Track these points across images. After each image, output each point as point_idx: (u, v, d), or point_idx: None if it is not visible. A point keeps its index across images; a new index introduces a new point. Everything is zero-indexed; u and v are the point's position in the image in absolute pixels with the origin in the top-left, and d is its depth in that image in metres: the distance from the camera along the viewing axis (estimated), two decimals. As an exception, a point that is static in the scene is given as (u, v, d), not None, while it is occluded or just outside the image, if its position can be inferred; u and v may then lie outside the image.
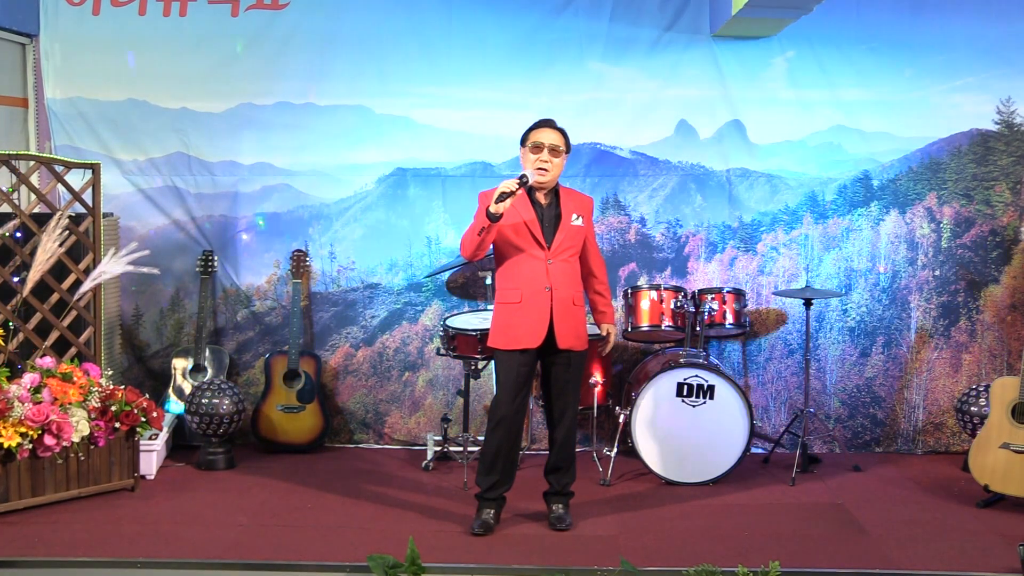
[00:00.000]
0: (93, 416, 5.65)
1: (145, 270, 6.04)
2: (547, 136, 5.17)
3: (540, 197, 5.23)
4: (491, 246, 5.19)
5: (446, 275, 6.93)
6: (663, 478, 6.09)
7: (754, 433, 6.16)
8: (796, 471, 6.21)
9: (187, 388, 6.75)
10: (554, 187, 5.26)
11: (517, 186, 4.94)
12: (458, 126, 6.82)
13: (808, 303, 6.33)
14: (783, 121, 6.80)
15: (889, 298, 6.82)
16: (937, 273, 6.81)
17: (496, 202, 4.90)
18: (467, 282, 6.94)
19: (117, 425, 5.72)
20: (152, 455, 6.16)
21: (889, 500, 5.88)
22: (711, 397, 6.03)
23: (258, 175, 6.93)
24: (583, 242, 5.29)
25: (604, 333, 5.49)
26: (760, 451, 6.71)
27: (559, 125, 5.25)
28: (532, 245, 5.16)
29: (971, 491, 5.89)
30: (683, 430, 6.05)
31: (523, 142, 5.24)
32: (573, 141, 5.27)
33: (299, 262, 6.83)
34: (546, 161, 5.13)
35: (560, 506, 5.39)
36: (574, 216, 5.22)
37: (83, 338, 6.19)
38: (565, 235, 5.18)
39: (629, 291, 6.45)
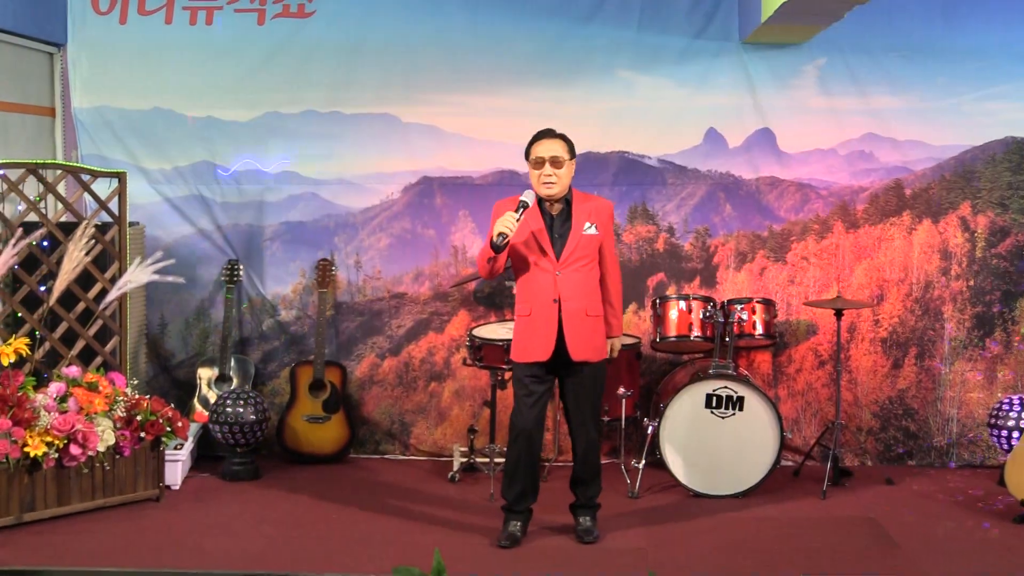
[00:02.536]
0: (118, 426, 5.66)
1: (171, 279, 6.05)
2: (546, 148, 5.10)
3: (551, 207, 5.18)
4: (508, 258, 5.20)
5: (473, 285, 6.92)
6: (691, 490, 6.06)
7: (784, 445, 6.13)
8: (827, 484, 6.15)
9: (212, 398, 6.75)
10: (566, 195, 5.19)
11: (516, 220, 4.92)
12: (485, 134, 6.82)
13: (839, 313, 6.27)
14: (814, 129, 6.77)
15: (922, 309, 6.77)
16: (971, 283, 6.75)
17: (497, 239, 4.90)
18: (494, 292, 6.93)
19: (142, 435, 5.73)
20: (177, 465, 6.16)
21: (922, 514, 5.84)
22: (740, 408, 6.00)
23: (284, 184, 6.95)
24: (599, 249, 5.23)
25: (608, 351, 5.37)
26: (790, 464, 6.66)
27: (558, 132, 5.19)
28: (541, 257, 5.12)
29: (1007, 506, 5.84)
30: (712, 442, 6.03)
31: (526, 156, 5.19)
32: (601, 150, 5.27)
33: (325, 271, 6.82)
34: (549, 175, 5.07)
35: (587, 518, 5.38)
36: (586, 224, 5.14)
37: (109, 347, 6.21)
38: (576, 245, 5.12)
39: (657, 301, 6.42)
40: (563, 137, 5.17)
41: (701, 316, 6.27)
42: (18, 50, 6.53)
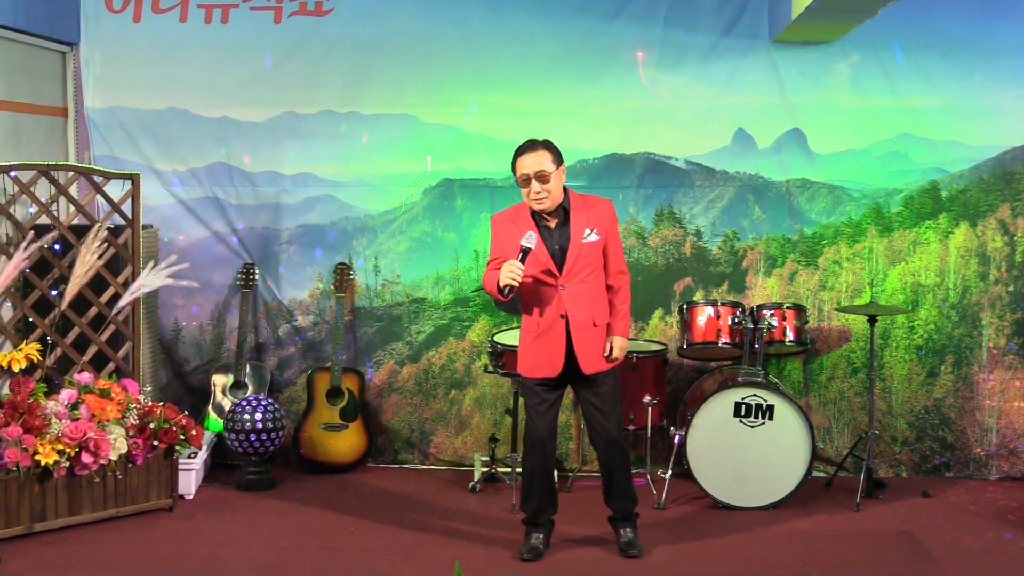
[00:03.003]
0: (131, 433, 5.67)
1: (185, 283, 6.12)
2: (529, 164, 5.01)
3: (547, 220, 5.13)
4: None
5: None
6: (720, 502, 6.04)
7: (816, 456, 6.09)
8: (860, 496, 6.12)
9: (227, 405, 6.76)
10: (562, 203, 5.12)
11: (520, 269, 4.90)
12: (506, 135, 6.62)
13: (873, 320, 6.25)
14: (846, 129, 6.73)
15: (959, 315, 6.73)
16: (1011, 289, 6.69)
17: (504, 291, 4.92)
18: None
19: (155, 443, 5.75)
20: (191, 474, 6.18)
21: (960, 528, 5.79)
22: (770, 418, 5.97)
23: (301, 186, 6.96)
24: (604, 252, 5.18)
25: (606, 351, 5.20)
26: (822, 475, 6.63)
27: (540, 141, 5.10)
28: (543, 273, 5.08)
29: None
30: (741, 452, 6.00)
31: (513, 172, 5.13)
32: (626, 151, 5.24)
33: (343, 276, 6.83)
34: (539, 192, 5.00)
35: (628, 530, 5.35)
36: (586, 232, 5.09)
37: (121, 353, 6.24)
38: (578, 255, 5.08)
39: (684, 307, 6.41)
40: (546, 145, 5.08)
41: (729, 322, 6.26)
42: (30, 49, 6.56)
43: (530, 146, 5.08)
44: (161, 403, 5.93)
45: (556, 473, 5.50)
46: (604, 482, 5.34)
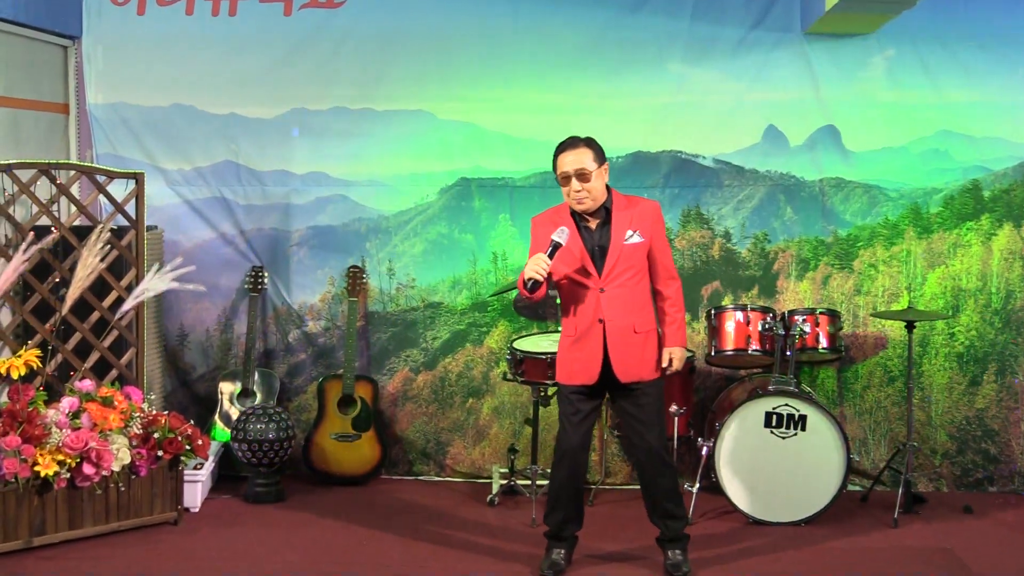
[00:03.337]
0: (135, 443, 5.67)
1: (191, 287, 6.09)
2: (570, 162, 4.99)
3: (589, 220, 5.10)
4: None
5: (514, 293, 6.84)
6: (750, 517, 6.01)
7: (851, 468, 6.08)
8: (898, 511, 6.08)
9: (234, 414, 6.76)
10: (604, 203, 5.09)
11: (547, 264, 4.86)
12: (527, 132, 6.78)
13: (911, 326, 6.22)
14: (882, 126, 6.70)
15: (1002, 321, 6.67)
16: (1057, 293, 6.68)
17: (527, 285, 4.88)
18: (536, 301, 6.71)
19: (160, 453, 5.74)
20: (197, 486, 6.18)
21: (1004, 545, 5.75)
22: (803, 428, 5.95)
23: (312, 185, 6.96)
24: (647, 257, 5.13)
25: (664, 362, 5.20)
26: (858, 488, 6.60)
27: (582, 138, 5.07)
28: (581, 275, 5.06)
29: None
30: (772, 464, 5.98)
31: (553, 170, 5.11)
32: (651, 149, 5.23)
33: (355, 279, 6.82)
34: (579, 191, 4.98)
35: (677, 552, 5.25)
36: (628, 233, 5.04)
37: (125, 360, 6.23)
38: (618, 257, 5.03)
39: (712, 312, 6.37)
40: (588, 143, 5.04)
41: (760, 328, 6.21)
42: (30, 43, 6.55)
43: (571, 143, 5.04)
44: (166, 412, 5.93)
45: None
46: (646, 499, 5.27)
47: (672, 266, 5.26)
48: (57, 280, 6.03)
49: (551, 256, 4.89)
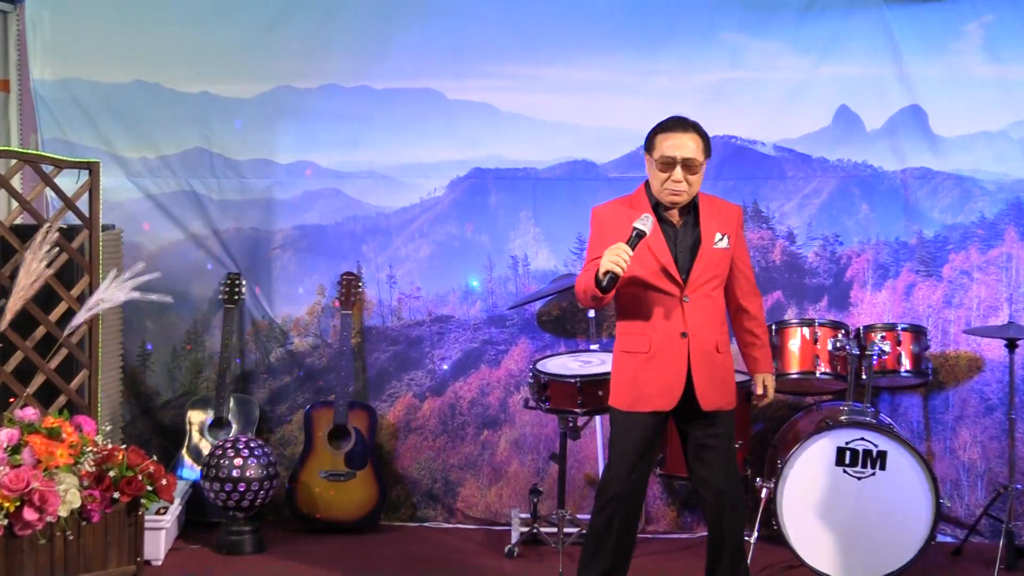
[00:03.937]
0: (86, 484, 5.31)
1: (155, 297, 5.74)
2: (679, 146, 4.77)
3: (672, 215, 4.91)
4: None
5: (537, 305, 6.78)
6: (820, 573, 5.77)
7: (941, 516, 5.80)
8: (1000, 567, 5.87)
9: (205, 448, 6.63)
10: (692, 200, 4.96)
11: (629, 255, 4.61)
12: (553, 115, 6.66)
13: (1012, 344, 6.01)
14: (978, 106, 6.53)
15: (1122, 339, 6.57)
16: None
17: (603, 279, 4.63)
18: (563, 315, 6.79)
19: (116, 495, 5.39)
20: (160, 534, 6.04)
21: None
22: (882, 467, 5.75)
23: (298, 177, 6.85)
24: (729, 268, 5.01)
25: (759, 389, 5.16)
26: (950, 539, 6.42)
27: (692, 122, 4.89)
28: (662, 279, 4.85)
29: None
30: (846, 510, 5.76)
31: (648, 148, 4.89)
32: (700, 134, 5.17)
33: (350, 288, 6.70)
34: (679, 181, 4.76)
35: None
36: (717, 236, 4.89)
37: (75, 383, 5.98)
38: (706, 263, 4.87)
39: (773, 328, 6.23)
40: (699, 130, 4.85)
41: (830, 347, 6.08)
42: (-41, 9, 6.50)
43: (680, 124, 4.83)
44: (124, 446, 5.62)
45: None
46: (710, 550, 5.05)
47: (754, 279, 5.19)
48: (-6, 289, 5.91)
49: (633, 247, 4.64)
